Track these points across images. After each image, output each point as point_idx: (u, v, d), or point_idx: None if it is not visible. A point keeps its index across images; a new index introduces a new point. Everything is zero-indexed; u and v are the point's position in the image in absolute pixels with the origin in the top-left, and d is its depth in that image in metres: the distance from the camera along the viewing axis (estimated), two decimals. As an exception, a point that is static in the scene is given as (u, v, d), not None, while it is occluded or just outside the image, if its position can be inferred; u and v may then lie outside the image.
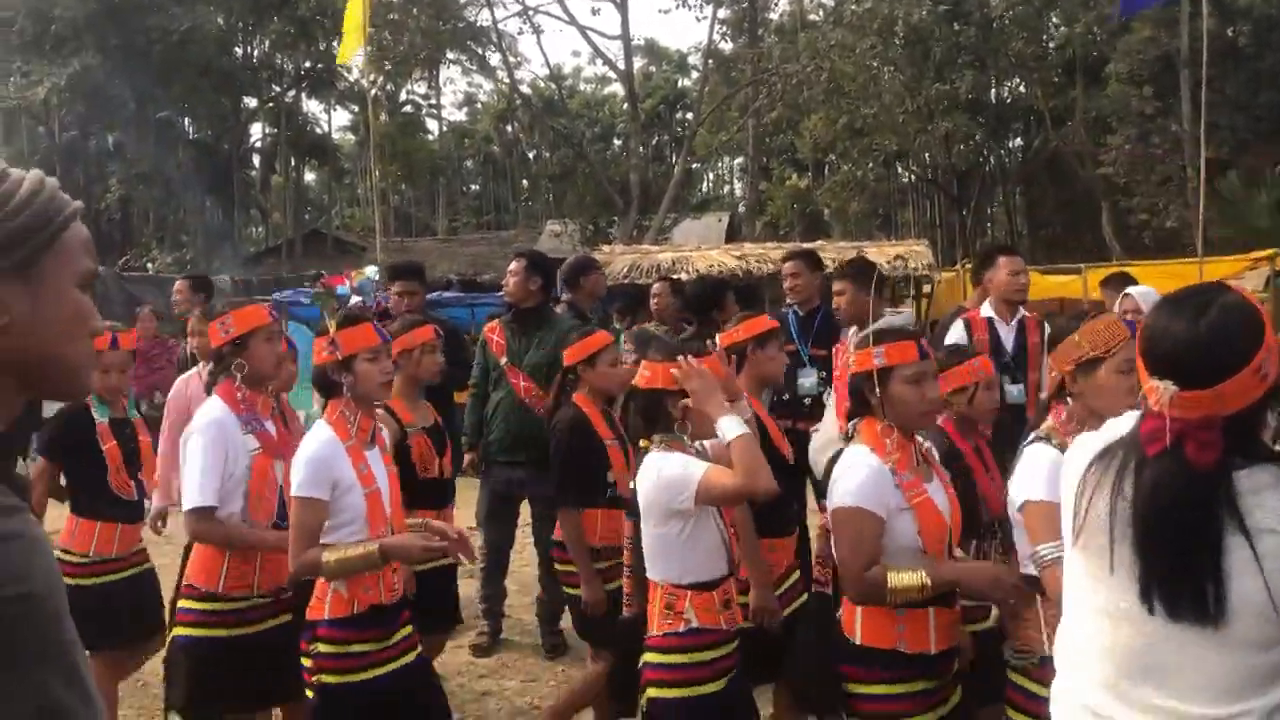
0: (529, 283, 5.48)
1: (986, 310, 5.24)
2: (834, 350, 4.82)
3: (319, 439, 3.08)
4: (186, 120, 36.52)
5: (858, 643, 2.75)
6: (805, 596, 3.81)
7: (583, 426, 4.00)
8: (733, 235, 28.38)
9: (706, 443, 3.05)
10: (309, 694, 3.09)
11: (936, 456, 2.96)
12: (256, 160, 41.09)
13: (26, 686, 1.03)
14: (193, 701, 3.41)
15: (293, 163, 40.36)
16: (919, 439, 2.88)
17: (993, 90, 32.87)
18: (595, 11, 45.91)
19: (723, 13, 26.33)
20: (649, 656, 2.95)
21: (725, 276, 12.59)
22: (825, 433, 4.33)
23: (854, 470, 2.73)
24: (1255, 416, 1.57)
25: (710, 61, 27.44)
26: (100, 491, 4.13)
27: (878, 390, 2.75)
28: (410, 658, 3.19)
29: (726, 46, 28.88)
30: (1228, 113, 22.64)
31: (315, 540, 3.01)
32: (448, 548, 3.14)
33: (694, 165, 37.52)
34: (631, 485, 3.07)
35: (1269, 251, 11.52)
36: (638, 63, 34.31)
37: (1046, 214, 35.37)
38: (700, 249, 15.80)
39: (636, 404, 3.04)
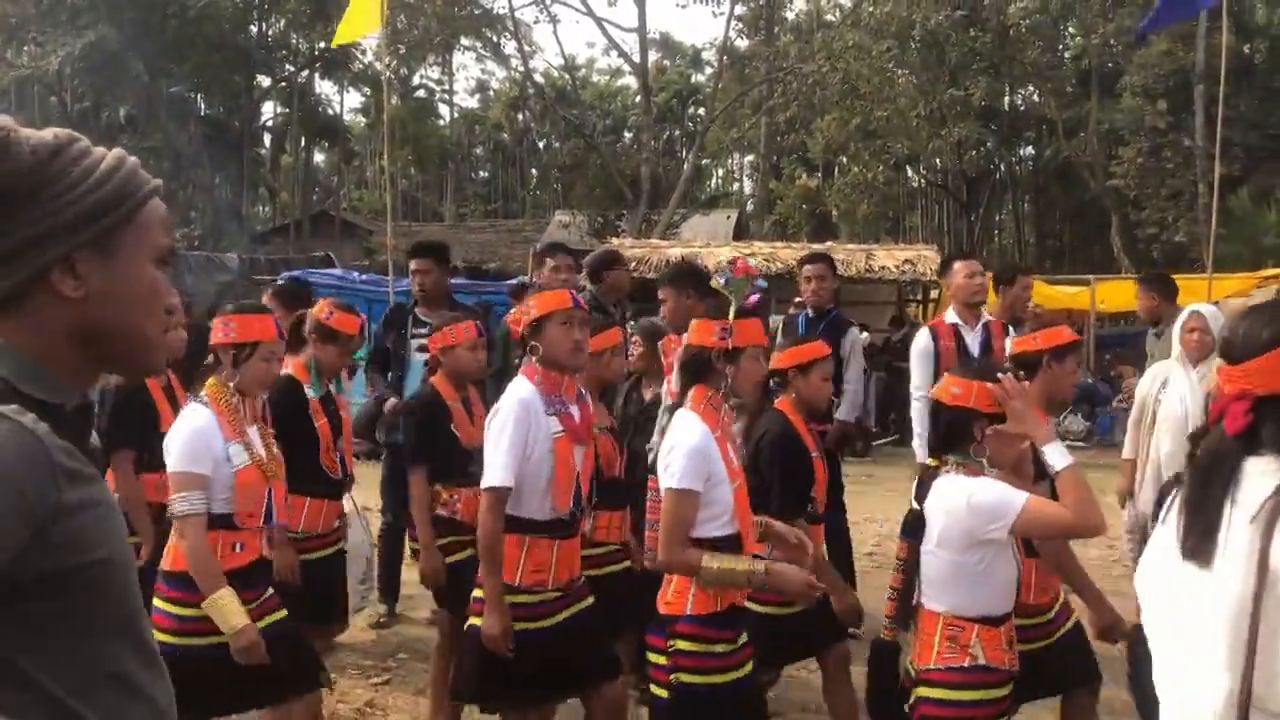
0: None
1: (951, 317, 5.35)
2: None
3: (698, 430, 2.92)
4: (198, 96, 36.39)
5: None
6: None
7: (793, 435, 3.82)
8: (740, 233, 28.32)
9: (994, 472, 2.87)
10: (662, 692, 2.93)
11: None
12: (267, 139, 41.03)
13: (98, 654, 1.05)
14: (479, 692, 3.37)
15: (303, 143, 40.30)
16: None
17: (1006, 98, 32.82)
18: (612, 3, 45.65)
19: (739, 9, 26.25)
20: (924, 690, 2.79)
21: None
22: None
23: None
24: None
25: (725, 58, 27.36)
26: (311, 468, 4.04)
27: None
28: (751, 664, 3.04)
29: (742, 43, 28.82)
30: (1241, 130, 22.60)
31: (689, 534, 2.88)
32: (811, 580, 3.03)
33: (704, 161, 37.45)
34: (915, 506, 2.88)
35: (1278, 270, 11.56)
36: (652, 56, 34.16)
37: (1055, 224, 35.38)
38: (709, 245, 15.81)
39: (939, 419, 2.89)
